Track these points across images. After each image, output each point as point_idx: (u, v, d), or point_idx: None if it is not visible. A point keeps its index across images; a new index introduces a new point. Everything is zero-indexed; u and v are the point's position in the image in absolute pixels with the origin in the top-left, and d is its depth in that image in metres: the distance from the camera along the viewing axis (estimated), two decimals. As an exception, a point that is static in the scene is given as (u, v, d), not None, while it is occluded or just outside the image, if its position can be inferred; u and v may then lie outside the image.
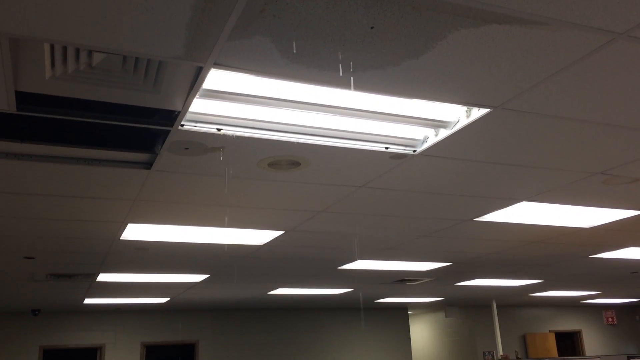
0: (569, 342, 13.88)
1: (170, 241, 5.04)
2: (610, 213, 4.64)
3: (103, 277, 6.69)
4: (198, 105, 2.52)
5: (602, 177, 3.71)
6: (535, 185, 3.81)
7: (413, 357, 12.47)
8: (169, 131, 2.71)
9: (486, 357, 12.40)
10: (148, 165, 3.16)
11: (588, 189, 3.94)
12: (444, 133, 2.92)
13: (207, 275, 7.07)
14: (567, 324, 13.96)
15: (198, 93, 2.39)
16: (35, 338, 9.74)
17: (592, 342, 13.92)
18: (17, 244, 4.91)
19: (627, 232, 5.43)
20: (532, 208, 4.42)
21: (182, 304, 10.00)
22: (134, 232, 4.63)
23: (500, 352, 10.99)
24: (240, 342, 11.08)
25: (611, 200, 4.26)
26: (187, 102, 2.44)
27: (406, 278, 8.14)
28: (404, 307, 12.46)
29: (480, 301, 11.82)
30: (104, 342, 10.17)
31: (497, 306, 11.47)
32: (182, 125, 2.66)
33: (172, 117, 2.58)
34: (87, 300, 8.69)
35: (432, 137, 2.99)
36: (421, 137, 3.04)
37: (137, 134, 2.74)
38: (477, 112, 2.69)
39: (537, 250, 6.24)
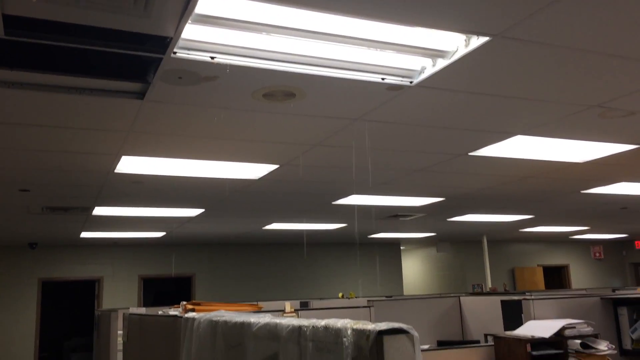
0: (556, 276, 14.27)
1: (165, 175, 5.05)
2: (604, 147, 4.65)
3: (99, 211, 6.74)
4: (191, 31, 2.45)
5: (598, 110, 3.69)
6: (531, 118, 3.79)
7: (404, 291, 12.82)
8: (161, 59, 2.65)
9: (475, 289, 12.77)
10: (141, 95, 3.11)
11: (584, 122, 3.93)
12: (441, 63, 2.87)
13: (202, 210, 7.13)
14: (555, 259, 14.32)
15: (190, 18, 2.32)
16: (34, 271, 9.91)
17: (579, 276, 14.33)
18: (11, 176, 4.90)
19: (620, 167, 5.48)
20: (527, 142, 4.42)
21: (178, 239, 10.14)
22: (129, 165, 4.62)
23: (489, 285, 11.31)
24: (235, 276, 11.32)
25: (606, 134, 4.26)
26: (179, 28, 2.38)
27: (399, 213, 8.24)
28: (396, 242, 12.70)
29: (471, 237, 12.05)
30: (101, 275, 10.36)
31: (488, 241, 11.70)
32: (175, 53, 2.60)
33: (164, 44, 2.51)
34: (84, 234, 8.78)
35: (430, 67, 2.94)
36: (418, 68, 2.99)
37: (129, 62, 2.68)
38: (477, 41, 2.64)
39: (529, 185, 6.30)
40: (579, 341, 3.52)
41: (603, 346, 3.51)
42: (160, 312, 4.00)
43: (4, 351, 9.51)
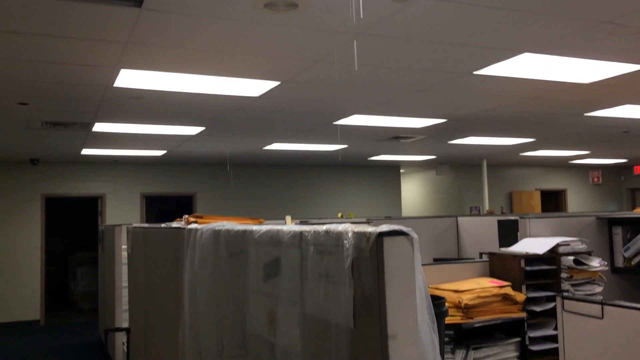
0: (553, 200, 14.45)
1: (165, 90, 4.98)
2: (611, 67, 4.56)
3: (99, 127, 6.71)
4: None
5: (608, 27, 3.59)
6: (540, 33, 3.69)
7: (403, 213, 13.02)
8: (158, -37, 2.54)
9: (472, 212, 12.96)
10: (138, 2, 3.01)
11: (593, 39, 3.83)
12: (450, -28, 2.76)
13: (202, 128, 7.10)
14: (553, 183, 14.44)
15: None
16: (37, 187, 10.01)
17: (576, 201, 14.51)
18: (9, 89, 4.84)
19: (625, 89, 5.40)
20: (533, 61, 4.33)
21: (179, 158, 10.17)
22: (127, 78, 4.55)
23: (487, 208, 11.47)
24: (236, 195, 11.46)
25: (615, 52, 4.17)
26: None
27: (401, 135, 8.22)
28: (396, 165, 12.75)
29: (471, 160, 12.08)
30: (104, 192, 10.48)
31: (487, 165, 11.75)
32: (173, -44, 2.49)
33: (162, -55, 2.40)
34: (85, 151, 8.80)
35: (438, -24, 2.83)
36: (426, -23, 2.87)
37: (125, -35, 2.57)
38: (488, -52, 2.52)
39: (533, 107, 6.24)
40: (572, 258, 3.61)
41: (595, 263, 3.60)
42: (163, 226, 4.07)
43: (11, 264, 9.79)
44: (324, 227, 1.52)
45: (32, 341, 8.50)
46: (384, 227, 1.28)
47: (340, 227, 1.44)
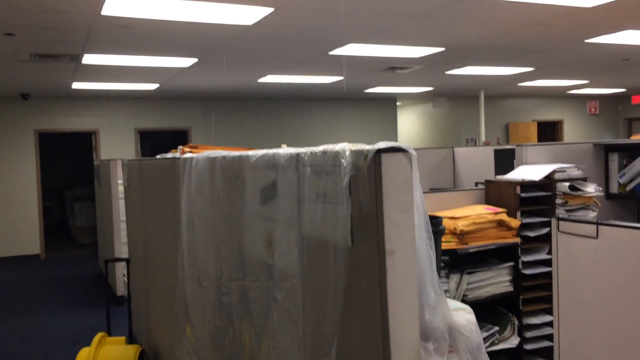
0: (549, 131, 14.43)
1: (154, 18, 4.82)
2: (615, -10, 4.42)
3: (89, 59, 6.55)
4: None
5: (615, -55, 3.44)
6: (543, -46, 3.54)
7: (399, 145, 12.97)
8: None
9: (469, 143, 12.96)
10: None
11: (598, -41, 3.68)
12: None
13: (195, 60, 6.95)
14: (550, 114, 14.37)
15: None
16: (29, 122, 9.90)
17: (573, 132, 14.49)
18: (-7, 20, 4.68)
19: (628, 12, 5.26)
20: (535, -17, 4.18)
21: (172, 92, 10.01)
22: (115, 5, 4.39)
23: (483, 139, 11.46)
24: (231, 130, 11.38)
25: (620, -26, 4.03)
26: None
27: (397, 65, 8.07)
28: (392, 98, 12.61)
29: (468, 92, 11.95)
30: (97, 127, 10.38)
31: (485, 96, 11.64)
32: None
33: None
34: (76, 85, 8.64)
35: None
36: None
37: None
38: None
39: (532, 33, 6.09)
40: (567, 184, 3.62)
41: (591, 188, 3.62)
42: (158, 157, 4.04)
43: (8, 200, 9.82)
44: (321, 148, 1.50)
45: (34, 274, 8.65)
46: (382, 144, 1.25)
47: (337, 147, 1.42)
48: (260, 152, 1.90)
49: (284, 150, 1.73)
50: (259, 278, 1.85)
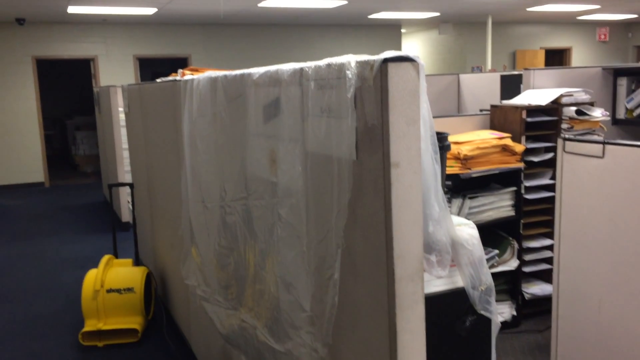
0: (557, 59, 14.13)
1: None
2: None
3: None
4: None
5: None
6: None
7: (402, 73, 12.74)
8: None
9: (474, 71, 12.73)
10: None
11: None
12: None
13: (193, -19, 6.71)
14: (559, 41, 14.02)
15: None
16: (26, 48, 9.70)
17: (581, 59, 14.18)
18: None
19: None
20: None
21: (171, 17, 9.74)
22: None
23: (489, 67, 11.24)
24: (231, 57, 11.15)
25: None
26: None
27: (402, -12, 7.79)
28: (397, 24, 12.27)
29: (475, 17, 11.60)
30: (95, 54, 10.18)
31: (492, 22, 11.31)
32: None
33: None
34: (71, 9, 8.40)
35: None
36: None
37: None
38: None
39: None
40: (574, 108, 3.57)
41: (597, 113, 3.57)
42: (158, 81, 3.98)
43: (9, 128, 9.79)
44: (325, 61, 1.46)
45: (39, 201, 8.75)
46: (389, 53, 1.21)
47: (342, 59, 1.38)
48: (262, 69, 1.85)
49: (287, 65, 1.69)
50: (263, 196, 1.86)
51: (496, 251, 3.55)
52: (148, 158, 4.19)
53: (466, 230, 1.47)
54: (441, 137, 1.69)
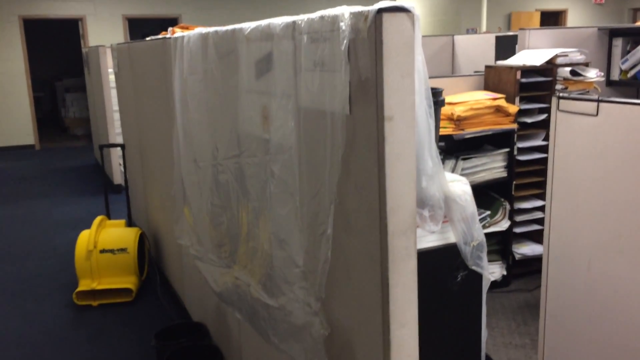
0: (552, 22, 13.97)
1: None
2: None
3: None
4: None
5: None
6: None
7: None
8: None
9: (469, 33, 12.58)
10: None
11: None
12: None
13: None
14: (554, 3, 13.84)
15: None
16: (12, 7, 9.46)
17: (577, 21, 14.02)
18: None
19: None
20: None
21: (160, -25, 9.51)
22: None
23: (484, 29, 11.11)
24: (223, 17, 10.95)
25: None
26: None
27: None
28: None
29: (471, -22, 11.40)
30: (83, 14, 9.96)
31: (487, -16, 11.15)
32: None
33: None
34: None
35: None
36: None
37: None
38: None
39: None
40: (568, 69, 3.54)
41: (592, 74, 3.55)
42: (148, 39, 3.90)
43: (-2, 90, 9.65)
44: (319, 13, 1.43)
45: (30, 164, 8.69)
46: (383, 3, 1.18)
47: (335, 10, 1.35)
48: (253, 24, 1.82)
49: (280, 19, 1.65)
50: (256, 153, 1.84)
51: (488, 212, 3.58)
52: (139, 119, 4.15)
53: (459, 186, 1.46)
54: (436, 92, 1.68)
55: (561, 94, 2.06)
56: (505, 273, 3.70)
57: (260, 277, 1.85)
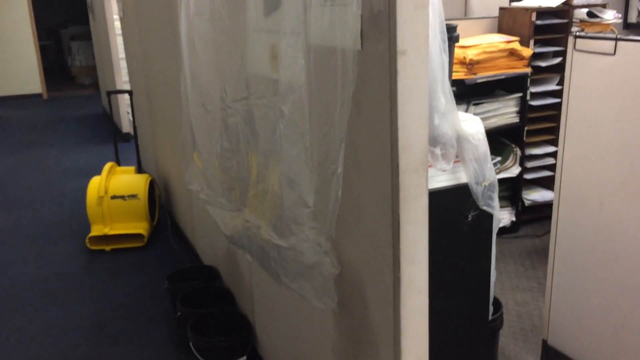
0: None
1: None
2: None
3: None
4: None
5: None
6: None
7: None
8: None
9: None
10: None
11: None
12: None
13: None
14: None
15: None
16: (14, -48, 9.28)
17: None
18: None
19: None
20: None
21: None
22: None
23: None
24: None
25: None
26: None
27: None
28: None
29: None
30: (87, -42, 9.73)
31: None
32: None
33: None
34: None
35: None
36: None
37: None
38: None
39: None
40: (585, 10, 3.44)
41: (609, 15, 3.44)
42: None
43: (2, 38, 9.54)
44: (329, -56, 1.37)
45: (38, 113, 8.69)
46: None
47: None
48: (262, -41, 1.75)
49: (288, -47, 1.59)
50: (265, 94, 1.81)
51: (498, 158, 3.55)
52: (146, 64, 4.10)
53: (472, 125, 1.44)
54: (450, 27, 1.63)
55: (578, 34, 2.00)
56: (514, 219, 3.71)
57: (271, 218, 1.86)
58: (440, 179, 1.50)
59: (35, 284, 3.38)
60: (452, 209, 1.51)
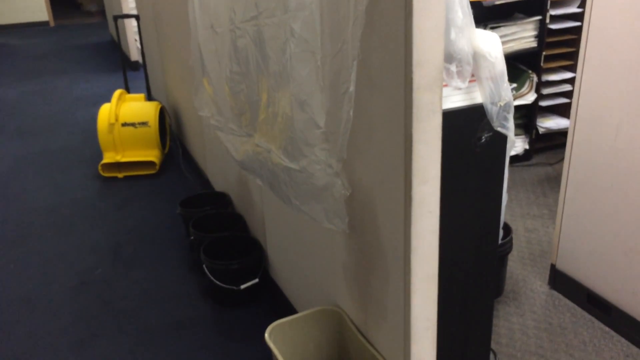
0: None
1: None
2: None
3: None
4: None
5: None
6: None
7: None
8: None
9: None
10: None
11: None
12: None
13: None
14: None
15: None
16: None
17: None
18: None
19: None
20: None
21: None
22: None
23: None
24: None
25: None
26: None
27: None
28: None
29: None
30: None
31: None
32: None
33: None
34: None
35: None
36: None
37: None
38: None
39: None
40: None
41: None
42: None
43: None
44: None
45: (45, 41, 8.57)
46: None
47: None
48: None
49: None
50: (275, 13, 1.75)
51: (514, 85, 3.47)
52: (152, -13, 3.98)
53: (489, 42, 1.39)
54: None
55: (605, -53, 1.89)
56: (527, 147, 3.67)
57: (281, 141, 1.84)
58: (455, 99, 1.46)
59: (50, 211, 3.44)
60: (465, 130, 1.49)
